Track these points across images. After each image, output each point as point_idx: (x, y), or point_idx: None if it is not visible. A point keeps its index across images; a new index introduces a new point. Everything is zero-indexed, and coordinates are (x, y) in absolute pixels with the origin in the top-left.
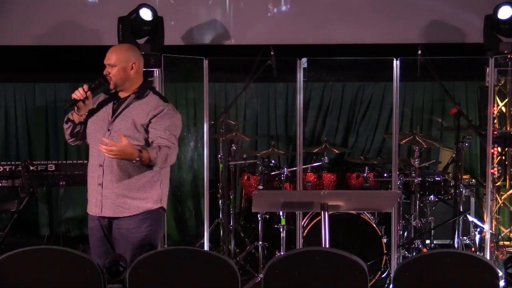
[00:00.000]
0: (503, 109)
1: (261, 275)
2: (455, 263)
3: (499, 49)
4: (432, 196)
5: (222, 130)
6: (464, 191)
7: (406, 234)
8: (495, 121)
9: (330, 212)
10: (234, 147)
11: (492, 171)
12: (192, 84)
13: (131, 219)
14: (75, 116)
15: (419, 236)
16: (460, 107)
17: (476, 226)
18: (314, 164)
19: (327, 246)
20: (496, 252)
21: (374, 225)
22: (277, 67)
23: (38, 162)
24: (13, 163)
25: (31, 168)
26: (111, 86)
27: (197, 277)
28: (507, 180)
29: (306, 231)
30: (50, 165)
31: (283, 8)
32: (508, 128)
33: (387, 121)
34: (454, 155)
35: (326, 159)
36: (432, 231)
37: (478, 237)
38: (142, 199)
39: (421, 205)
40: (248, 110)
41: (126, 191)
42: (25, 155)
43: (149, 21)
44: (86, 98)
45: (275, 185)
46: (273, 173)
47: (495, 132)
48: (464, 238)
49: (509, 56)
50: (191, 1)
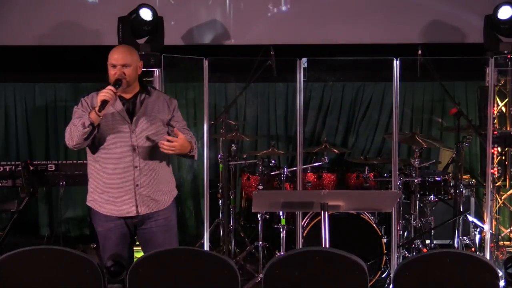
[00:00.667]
0: (503, 109)
1: (261, 275)
2: (455, 263)
3: (499, 49)
4: (432, 196)
5: (222, 130)
6: (464, 191)
7: (406, 234)
8: (495, 121)
9: (330, 212)
10: (234, 147)
11: (492, 171)
12: (192, 84)
13: (167, 209)
14: (96, 118)
15: (419, 236)
16: (460, 107)
17: (476, 226)
18: (314, 164)
19: (327, 246)
20: (496, 252)
21: (374, 225)
22: (277, 67)
23: (38, 162)
24: (13, 163)
25: (31, 168)
26: (125, 86)
27: (197, 277)
28: (507, 180)
29: (306, 231)
30: (50, 165)
31: (283, 8)
32: (508, 128)
33: (387, 121)
34: (454, 155)
35: (326, 159)
36: (432, 231)
37: (478, 237)
38: (171, 189)
39: (421, 205)
40: (248, 110)
41: (161, 185)
42: (25, 155)
43: (149, 21)
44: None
45: (275, 185)
46: (273, 173)
47: (495, 132)
48: (464, 238)
49: (509, 56)
50: (191, 1)
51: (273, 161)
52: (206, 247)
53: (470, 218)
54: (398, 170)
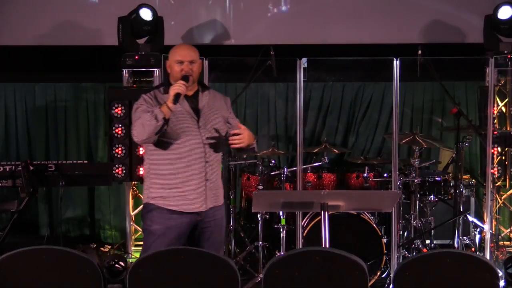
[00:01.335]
0: (503, 109)
1: (261, 275)
2: (455, 263)
3: (499, 49)
4: (432, 196)
5: None
6: (464, 191)
7: (406, 234)
8: (495, 121)
9: (330, 212)
10: None
11: (492, 171)
12: None
13: (222, 206)
14: (168, 112)
15: (419, 236)
16: (460, 107)
17: (476, 226)
18: (314, 164)
19: (327, 246)
20: (496, 252)
21: (374, 225)
22: (277, 67)
23: (38, 162)
24: (13, 163)
25: (31, 168)
26: (191, 83)
27: (197, 277)
28: (507, 180)
29: (306, 231)
30: (50, 165)
31: (283, 8)
32: (508, 128)
33: (387, 121)
34: (454, 155)
35: (326, 159)
36: (432, 231)
37: (478, 237)
38: (222, 186)
39: (421, 205)
40: (248, 110)
41: (219, 181)
42: (25, 155)
43: (149, 21)
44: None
45: (275, 185)
46: (273, 173)
47: (495, 132)
48: (464, 238)
49: (509, 56)
50: (191, 1)
51: (273, 161)
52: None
53: (470, 218)
54: (398, 170)
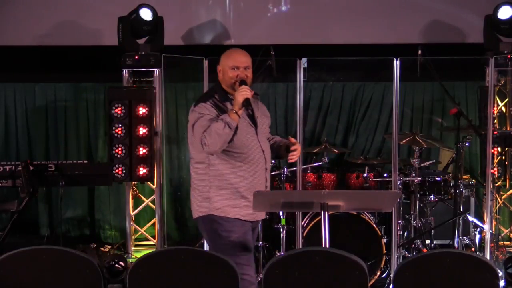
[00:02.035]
0: (503, 109)
1: (261, 275)
2: (455, 263)
3: (499, 49)
4: (432, 196)
5: None
6: (464, 191)
7: (406, 234)
8: (495, 121)
9: (330, 212)
10: None
11: (492, 171)
12: (192, 84)
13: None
14: (236, 118)
15: (419, 236)
16: (460, 107)
17: (476, 226)
18: (314, 164)
19: (327, 246)
20: (496, 252)
21: (374, 225)
22: (277, 67)
23: (38, 162)
24: (13, 163)
25: (31, 168)
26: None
27: (197, 277)
28: (507, 180)
29: (306, 231)
30: (50, 165)
31: (283, 8)
32: (508, 128)
33: (387, 121)
34: (454, 155)
35: (326, 159)
36: (432, 231)
37: (478, 237)
38: None
39: (421, 205)
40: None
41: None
42: (25, 155)
43: (149, 21)
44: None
45: (275, 185)
46: (273, 173)
47: (495, 132)
48: (464, 238)
49: (509, 56)
50: (191, 1)
51: (273, 161)
52: (206, 247)
53: (470, 218)
54: (398, 170)
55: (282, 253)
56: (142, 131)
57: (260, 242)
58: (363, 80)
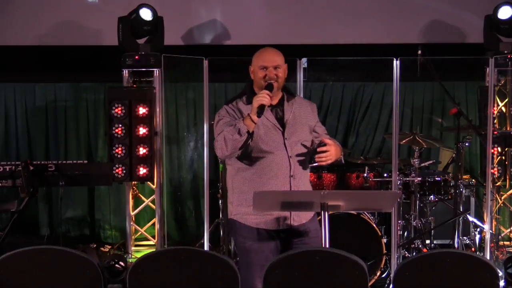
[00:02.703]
0: (503, 109)
1: None
2: (455, 263)
3: (499, 49)
4: (432, 196)
5: None
6: (464, 191)
7: (406, 234)
8: (495, 121)
9: (330, 212)
10: None
11: (492, 171)
12: (192, 84)
13: (312, 222)
14: (251, 125)
15: (419, 236)
16: (460, 107)
17: (476, 226)
18: (314, 164)
19: (327, 246)
20: (496, 252)
21: (374, 225)
22: None
23: (38, 162)
24: (13, 163)
25: (31, 168)
26: (275, 89)
27: (197, 277)
28: (507, 180)
29: None
30: (50, 165)
31: (283, 8)
32: (508, 128)
33: (387, 121)
34: (454, 155)
35: None
36: (432, 231)
37: (478, 237)
38: None
39: (421, 205)
40: None
41: None
42: (25, 155)
43: (149, 21)
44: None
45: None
46: None
47: (495, 132)
48: (464, 238)
49: (509, 56)
50: (191, 1)
51: None
52: (206, 247)
53: (470, 218)
54: (398, 170)
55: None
56: (142, 131)
57: None
58: (363, 80)
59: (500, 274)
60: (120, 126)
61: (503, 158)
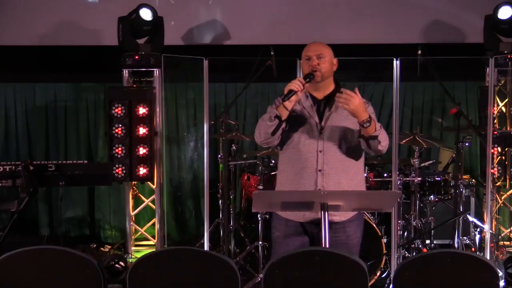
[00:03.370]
0: (503, 109)
1: (261, 275)
2: (455, 263)
3: (499, 49)
4: (432, 196)
5: (222, 130)
6: (464, 191)
7: (406, 234)
8: (495, 121)
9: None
10: (234, 147)
11: (492, 171)
12: (192, 84)
13: (349, 222)
14: (283, 111)
15: (419, 236)
16: (460, 107)
17: (476, 226)
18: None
19: (327, 246)
20: (496, 252)
21: (374, 225)
22: (277, 67)
23: (38, 162)
24: (13, 163)
25: (31, 168)
26: (318, 79)
27: (197, 277)
28: (507, 180)
29: None
30: (50, 165)
31: (283, 8)
32: (508, 128)
33: (387, 121)
34: (454, 155)
35: None
36: (432, 231)
37: (478, 237)
38: None
39: (421, 205)
40: (248, 110)
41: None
42: (25, 155)
43: (149, 21)
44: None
45: (275, 185)
46: (273, 173)
47: (495, 132)
48: (464, 238)
49: (509, 56)
50: (191, 1)
51: (273, 161)
52: (206, 247)
53: (470, 218)
54: (398, 170)
55: None
56: (142, 131)
57: (260, 242)
58: (363, 80)
59: (500, 274)
60: (120, 126)
61: (503, 158)
